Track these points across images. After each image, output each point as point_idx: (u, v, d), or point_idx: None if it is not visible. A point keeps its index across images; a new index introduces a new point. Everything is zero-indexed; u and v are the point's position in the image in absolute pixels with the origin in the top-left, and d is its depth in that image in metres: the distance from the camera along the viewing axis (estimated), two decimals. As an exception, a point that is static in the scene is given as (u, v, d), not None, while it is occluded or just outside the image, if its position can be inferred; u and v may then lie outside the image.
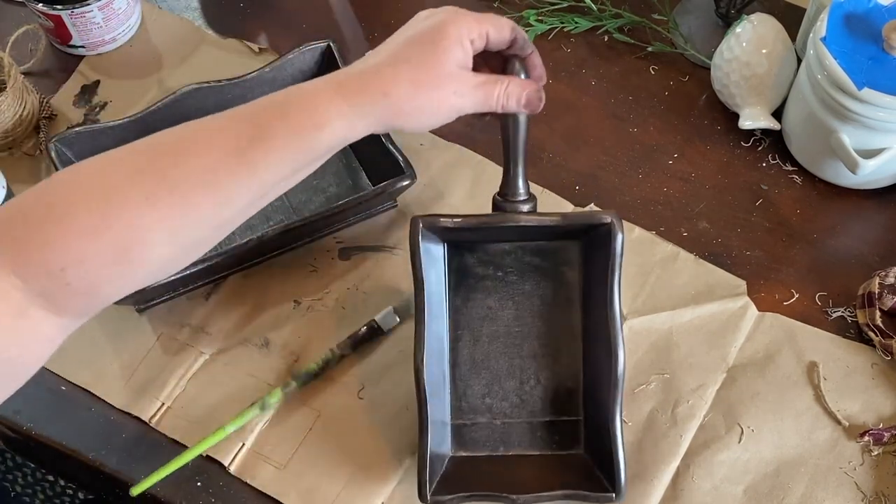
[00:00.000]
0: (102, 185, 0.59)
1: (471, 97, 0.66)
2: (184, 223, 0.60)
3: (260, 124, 0.62)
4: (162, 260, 0.61)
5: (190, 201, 0.60)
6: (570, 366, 0.78)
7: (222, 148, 0.61)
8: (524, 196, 0.74)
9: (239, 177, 0.61)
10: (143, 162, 0.61)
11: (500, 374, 0.78)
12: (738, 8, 0.97)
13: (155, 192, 0.59)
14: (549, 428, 0.78)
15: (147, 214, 0.59)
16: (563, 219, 0.73)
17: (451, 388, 0.78)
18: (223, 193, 0.61)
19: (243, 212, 0.63)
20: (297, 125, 0.62)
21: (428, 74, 0.64)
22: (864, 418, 0.80)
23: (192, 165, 0.60)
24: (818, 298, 0.86)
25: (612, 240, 0.72)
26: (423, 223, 0.73)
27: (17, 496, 1.06)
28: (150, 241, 0.59)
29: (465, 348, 0.78)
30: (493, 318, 0.78)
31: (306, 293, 0.86)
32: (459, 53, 0.65)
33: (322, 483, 0.78)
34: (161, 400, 0.81)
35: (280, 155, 0.61)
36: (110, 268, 0.59)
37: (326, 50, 0.91)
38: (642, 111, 0.97)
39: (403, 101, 0.64)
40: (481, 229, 0.75)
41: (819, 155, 0.89)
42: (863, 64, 0.81)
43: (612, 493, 0.72)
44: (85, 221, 0.58)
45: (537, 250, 0.78)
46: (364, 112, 0.63)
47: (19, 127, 0.93)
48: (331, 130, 0.62)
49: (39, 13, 0.96)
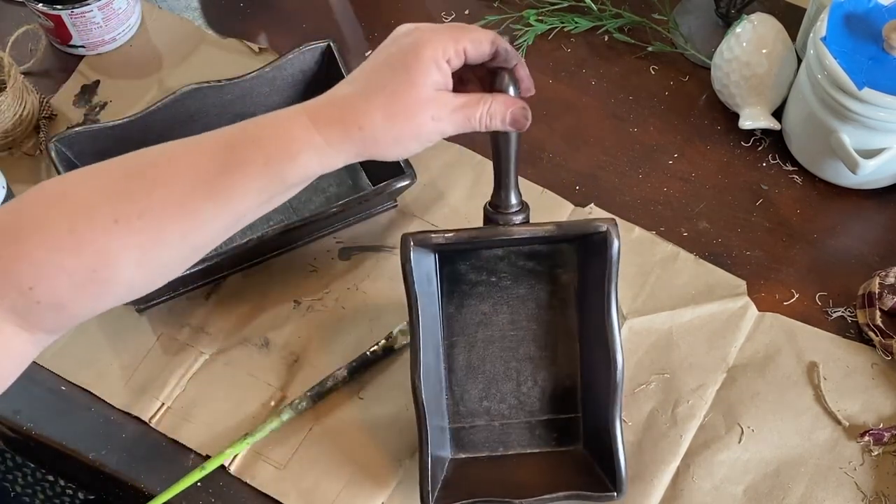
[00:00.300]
0: (75, 204, 0.59)
1: (450, 121, 0.64)
2: (153, 247, 0.60)
3: (233, 152, 0.61)
4: (130, 282, 0.60)
5: (160, 226, 0.59)
6: (567, 366, 0.78)
7: (194, 174, 0.60)
8: (516, 207, 0.73)
9: (210, 204, 0.60)
10: (115, 183, 0.60)
11: (497, 377, 0.78)
12: (738, 8, 0.97)
13: (125, 216, 0.58)
14: (548, 426, 0.78)
15: (117, 237, 0.58)
16: (557, 228, 0.72)
17: (449, 394, 0.78)
18: (194, 220, 0.60)
19: (215, 238, 0.63)
20: (269, 154, 0.61)
21: (403, 103, 0.62)
22: (864, 418, 0.80)
23: (164, 191, 0.59)
24: (818, 298, 0.86)
25: (608, 248, 0.71)
26: (415, 241, 0.71)
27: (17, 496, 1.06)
28: (119, 263, 0.59)
29: (461, 354, 0.78)
30: (487, 324, 0.78)
31: (306, 293, 0.86)
32: (436, 76, 0.63)
33: (322, 483, 0.78)
34: (161, 400, 0.81)
35: (252, 184, 0.60)
36: (79, 288, 0.59)
37: (326, 50, 0.91)
38: (642, 111, 0.97)
39: (379, 134, 0.62)
40: (473, 242, 0.74)
41: (819, 155, 0.89)
42: (863, 64, 0.81)
43: (614, 491, 0.73)
44: (55, 240, 0.58)
45: (531, 254, 0.77)
46: (339, 146, 0.62)
47: (19, 127, 0.93)
48: (304, 161, 0.61)
49: (39, 13, 0.96)
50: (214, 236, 0.62)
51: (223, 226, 0.62)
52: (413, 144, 0.64)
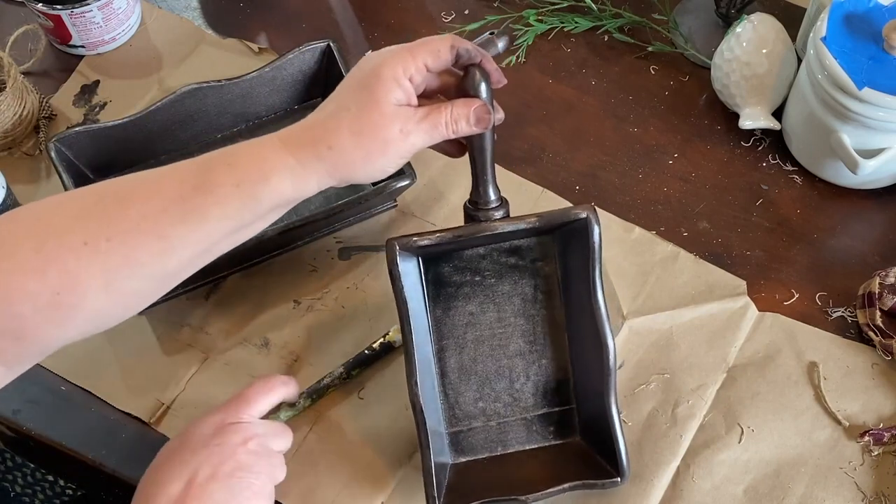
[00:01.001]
0: (45, 226, 0.58)
1: (418, 132, 0.65)
2: (122, 272, 0.59)
3: (206, 173, 0.61)
4: (96, 308, 0.59)
5: (130, 250, 0.58)
6: (558, 358, 0.78)
7: (167, 196, 0.60)
8: (496, 203, 0.73)
9: (181, 228, 0.60)
10: (87, 206, 0.60)
11: (490, 376, 0.78)
12: (738, 8, 0.97)
13: (94, 237, 0.58)
14: (544, 420, 0.78)
15: (85, 259, 0.57)
16: (538, 220, 0.72)
17: (443, 398, 0.78)
18: (165, 243, 0.59)
19: (186, 265, 0.62)
20: (241, 176, 0.61)
21: (369, 119, 0.64)
22: (864, 418, 0.80)
23: (135, 211, 0.59)
24: (818, 298, 0.86)
25: (589, 234, 0.72)
26: (400, 245, 0.71)
27: (16, 496, 1.06)
28: (85, 286, 0.58)
29: (452, 357, 0.78)
30: (475, 324, 0.78)
31: (306, 293, 0.86)
32: (398, 93, 0.65)
33: (322, 483, 0.78)
34: (161, 400, 0.81)
35: (224, 207, 0.60)
36: (43, 311, 0.57)
37: (326, 50, 0.91)
38: (642, 111, 0.97)
39: (348, 152, 0.63)
40: (457, 241, 0.74)
41: (819, 155, 0.89)
42: (863, 64, 0.81)
43: (617, 476, 0.73)
44: (22, 260, 0.57)
45: (512, 250, 0.78)
46: (312, 167, 0.63)
47: (19, 127, 0.93)
48: (276, 183, 0.62)
49: (39, 13, 0.96)
50: (185, 263, 0.62)
51: (194, 252, 0.61)
52: (384, 161, 0.65)
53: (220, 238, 0.62)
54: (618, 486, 0.74)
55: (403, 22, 1.02)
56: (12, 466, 1.06)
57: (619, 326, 0.84)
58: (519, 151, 0.94)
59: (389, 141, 0.64)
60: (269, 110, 0.94)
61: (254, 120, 0.94)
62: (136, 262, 0.59)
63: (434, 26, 1.02)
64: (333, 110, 0.65)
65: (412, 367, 0.72)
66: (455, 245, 0.75)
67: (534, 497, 0.73)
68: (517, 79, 0.99)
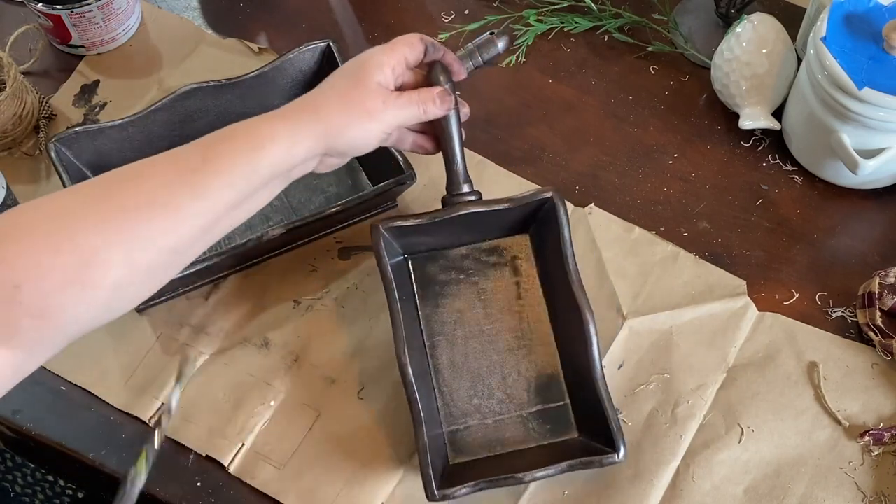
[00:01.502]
0: (62, 210, 0.62)
1: (395, 106, 0.73)
2: (137, 244, 0.62)
3: (208, 149, 0.66)
4: (116, 282, 0.61)
5: (143, 222, 0.62)
6: (546, 353, 0.80)
7: (173, 171, 0.65)
8: (468, 190, 0.79)
9: (189, 197, 0.64)
10: (100, 190, 0.64)
11: (482, 372, 0.80)
12: (738, 8, 0.97)
13: (110, 214, 0.61)
14: (540, 417, 0.79)
15: (103, 234, 0.61)
16: (510, 202, 0.78)
17: (438, 395, 0.79)
18: (175, 215, 0.63)
19: (196, 238, 0.65)
20: (240, 146, 0.67)
21: (355, 92, 0.72)
22: (864, 418, 0.80)
23: (145, 187, 0.63)
24: (818, 298, 0.86)
25: (556, 213, 0.78)
26: (383, 227, 0.78)
27: (16, 496, 1.06)
28: (105, 260, 0.61)
29: (443, 354, 0.80)
30: (463, 321, 0.81)
31: (306, 293, 0.86)
32: (380, 77, 0.73)
33: (322, 483, 0.78)
34: (161, 400, 0.81)
35: (227, 175, 0.65)
36: (65, 288, 0.60)
37: (326, 50, 0.91)
38: (642, 111, 0.97)
39: (334, 117, 0.70)
40: (437, 225, 0.78)
41: (819, 155, 0.89)
42: (863, 64, 0.81)
43: (614, 453, 0.73)
44: (43, 240, 0.60)
45: (492, 249, 0.82)
46: (301, 130, 0.69)
47: (19, 127, 0.93)
48: (272, 148, 0.67)
49: (39, 13, 0.96)
50: (194, 234, 0.65)
51: (202, 224, 0.65)
52: (368, 126, 0.72)
53: (224, 210, 0.66)
54: (616, 464, 0.74)
55: (403, 22, 1.02)
56: (12, 466, 1.06)
57: (619, 326, 0.84)
58: (519, 151, 0.94)
59: (372, 111, 0.72)
60: (269, 110, 0.93)
61: (254, 120, 0.94)
62: (149, 236, 0.62)
63: (434, 26, 1.02)
64: (324, 88, 0.73)
65: (400, 338, 0.75)
66: (436, 234, 0.80)
67: (531, 475, 0.73)
68: (517, 79, 0.99)
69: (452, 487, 0.73)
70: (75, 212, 0.61)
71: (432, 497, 0.72)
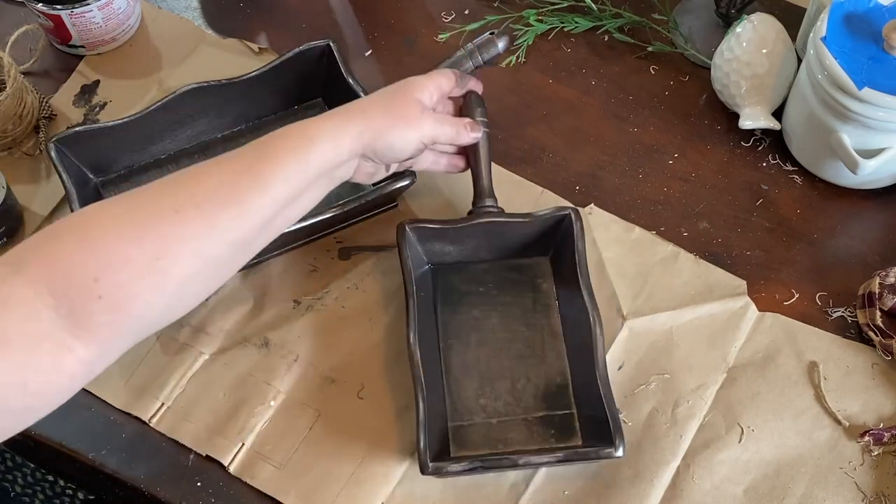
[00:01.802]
0: (133, 204, 0.65)
1: (434, 121, 0.79)
2: (207, 236, 0.65)
3: (264, 147, 0.70)
4: (187, 273, 0.64)
5: (213, 214, 0.65)
6: (556, 363, 0.81)
7: (235, 168, 0.68)
8: (491, 204, 0.84)
9: (251, 191, 0.67)
10: (167, 185, 0.67)
11: (492, 375, 0.81)
12: (738, 8, 0.97)
13: (183, 205, 0.64)
14: (545, 422, 0.79)
15: (177, 225, 0.64)
16: (529, 217, 0.83)
17: (446, 391, 0.80)
18: (240, 207, 0.66)
19: (258, 232, 0.68)
20: (293, 142, 0.70)
21: (396, 102, 0.77)
22: (864, 418, 0.80)
23: (212, 182, 0.66)
24: (818, 298, 0.86)
25: (572, 228, 0.82)
26: (409, 226, 0.83)
27: (16, 496, 1.06)
28: (179, 251, 0.63)
29: (456, 356, 0.82)
30: (479, 328, 0.83)
31: (306, 293, 0.86)
32: (420, 95, 0.78)
33: (322, 483, 0.78)
34: (161, 400, 0.81)
35: (283, 169, 0.69)
36: (142, 278, 0.62)
37: (326, 50, 0.91)
38: (642, 111, 0.97)
39: (378, 119, 0.75)
40: (460, 232, 0.83)
41: (819, 155, 0.89)
42: (863, 64, 0.81)
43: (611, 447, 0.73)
44: (119, 232, 0.62)
45: (513, 267, 0.86)
46: (347, 129, 0.73)
47: (19, 127, 0.93)
48: (321, 143, 0.71)
49: (39, 13, 0.96)
50: (257, 227, 0.68)
51: (262, 219, 0.68)
52: (407, 132, 0.76)
53: (282, 205, 0.69)
54: (614, 459, 0.74)
55: (403, 22, 1.02)
56: (12, 466, 1.06)
57: (619, 327, 0.84)
58: (519, 151, 0.94)
59: (411, 118, 0.77)
60: (269, 110, 0.94)
61: (254, 120, 0.94)
62: (217, 229, 0.65)
63: (434, 26, 1.02)
64: (371, 96, 0.79)
65: (412, 322, 0.78)
66: (459, 243, 0.84)
67: (526, 459, 0.74)
68: (517, 79, 0.99)
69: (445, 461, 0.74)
70: (147, 206, 0.64)
71: (425, 469, 0.73)
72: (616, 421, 0.74)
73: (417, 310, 0.79)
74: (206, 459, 0.79)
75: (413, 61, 0.99)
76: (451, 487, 0.77)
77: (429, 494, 0.77)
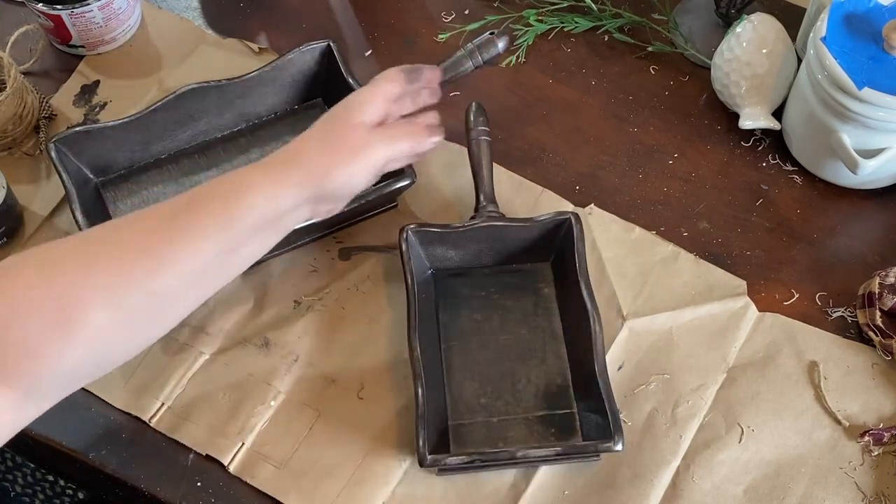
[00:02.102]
0: (50, 253, 0.64)
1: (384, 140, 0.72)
2: (119, 289, 0.63)
3: (191, 198, 0.67)
4: (100, 325, 0.62)
5: (125, 265, 0.63)
6: (557, 364, 0.81)
7: (156, 220, 0.66)
8: (493, 208, 0.84)
9: (167, 246, 0.64)
10: (86, 237, 0.67)
11: (492, 375, 0.81)
12: (738, 8, 0.97)
13: (94, 257, 0.63)
14: (545, 422, 0.79)
15: (86, 276, 0.62)
16: (530, 221, 0.83)
17: (447, 391, 0.80)
18: (157, 261, 0.64)
19: (179, 288, 0.66)
20: (221, 195, 0.67)
21: (335, 133, 0.71)
22: (864, 418, 0.80)
23: (130, 231, 0.65)
24: (818, 298, 0.86)
25: (572, 231, 0.82)
26: (410, 229, 0.82)
27: (16, 496, 1.06)
28: (87, 302, 0.61)
29: (457, 356, 0.82)
30: (480, 330, 0.84)
31: (306, 293, 0.86)
32: (363, 115, 0.72)
33: (322, 483, 0.78)
34: (161, 400, 0.81)
35: (207, 224, 0.66)
36: (49, 327, 0.61)
37: (326, 50, 0.91)
38: (642, 111, 0.97)
39: (315, 161, 0.69)
40: (461, 235, 0.83)
41: (819, 155, 0.89)
42: (863, 64, 0.81)
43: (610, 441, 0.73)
44: (28, 278, 0.61)
45: (514, 272, 0.86)
46: (282, 180, 0.68)
47: (19, 127, 0.93)
48: (248, 197, 0.67)
49: (39, 13, 0.96)
50: (178, 285, 0.65)
51: (185, 272, 0.65)
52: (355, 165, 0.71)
53: (209, 259, 0.66)
54: (612, 453, 0.74)
55: (403, 22, 1.02)
56: (12, 466, 1.07)
57: (619, 327, 0.84)
58: (519, 151, 0.94)
59: (357, 148, 0.71)
60: (270, 110, 0.94)
61: (254, 120, 0.94)
62: (130, 280, 0.63)
63: (434, 26, 1.02)
64: (304, 134, 0.72)
65: (412, 319, 0.78)
66: (461, 246, 0.84)
67: (524, 451, 0.74)
68: (517, 79, 0.99)
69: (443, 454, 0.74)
70: (63, 255, 0.63)
71: (423, 461, 0.73)
72: (616, 416, 0.74)
73: (419, 312, 0.79)
74: (206, 459, 0.79)
75: (413, 61, 0.98)
76: (452, 487, 0.77)
77: (429, 494, 0.77)
